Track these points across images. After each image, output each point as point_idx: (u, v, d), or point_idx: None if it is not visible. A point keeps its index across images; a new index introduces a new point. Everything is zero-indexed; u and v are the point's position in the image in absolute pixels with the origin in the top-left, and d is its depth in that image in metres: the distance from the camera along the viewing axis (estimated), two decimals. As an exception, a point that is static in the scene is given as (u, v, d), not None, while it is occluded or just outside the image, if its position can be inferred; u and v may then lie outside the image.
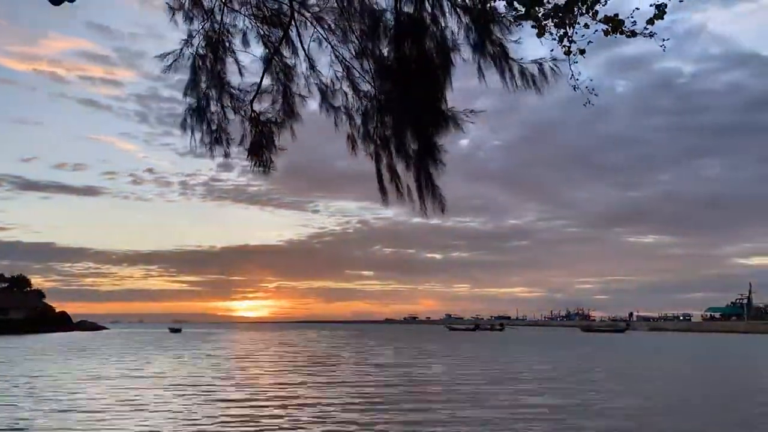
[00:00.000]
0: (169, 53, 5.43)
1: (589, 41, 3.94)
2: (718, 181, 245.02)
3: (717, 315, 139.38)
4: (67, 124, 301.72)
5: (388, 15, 5.03)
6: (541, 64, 4.66)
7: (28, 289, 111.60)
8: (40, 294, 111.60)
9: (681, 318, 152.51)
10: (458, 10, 4.83)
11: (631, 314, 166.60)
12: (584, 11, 3.81)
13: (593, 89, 4.21)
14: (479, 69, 4.77)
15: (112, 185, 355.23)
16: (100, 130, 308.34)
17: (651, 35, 3.83)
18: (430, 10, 4.91)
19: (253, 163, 5.74)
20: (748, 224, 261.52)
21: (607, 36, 3.88)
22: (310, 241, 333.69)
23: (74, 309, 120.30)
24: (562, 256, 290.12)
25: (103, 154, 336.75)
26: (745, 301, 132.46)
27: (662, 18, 3.69)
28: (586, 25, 3.90)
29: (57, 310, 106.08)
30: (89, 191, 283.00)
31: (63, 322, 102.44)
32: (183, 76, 5.49)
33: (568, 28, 3.91)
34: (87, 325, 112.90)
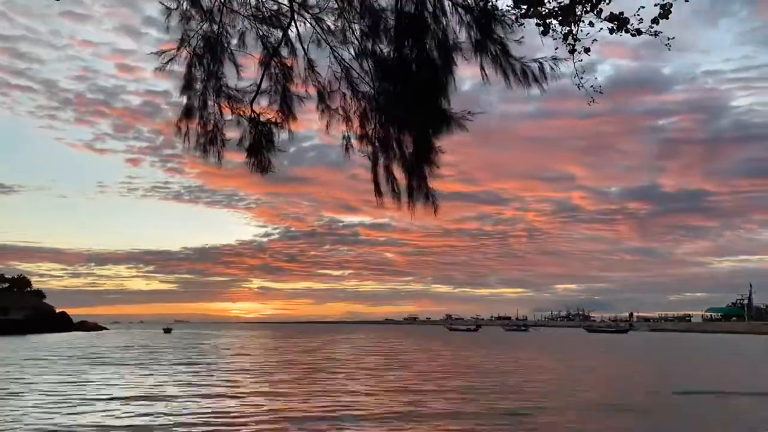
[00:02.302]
0: (165, 51, 5.38)
1: (594, 39, 3.89)
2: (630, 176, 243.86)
3: (717, 315, 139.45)
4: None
5: (389, 14, 4.99)
6: (541, 63, 4.61)
7: (28, 289, 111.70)
8: (40, 294, 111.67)
9: (684, 318, 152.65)
10: (459, 9, 4.78)
11: (631, 314, 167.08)
12: (588, 9, 3.76)
13: (599, 87, 4.16)
14: (481, 68, 4.73)
15: (24, 181, 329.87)
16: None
17: (656, 34, 3.78)
18: (431, 9, 4.86)
19: (251, 163, 5.71)
20: (693, 221, 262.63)
21: (612, 34, 3.83)
22: (260, 240, 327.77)
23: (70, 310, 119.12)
24: (522, 255, 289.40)
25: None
26: (746, 301, 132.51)
27: (667, 17, 3.64)
28: (591, 24, 3.85)
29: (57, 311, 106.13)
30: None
31: (63, 323, 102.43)
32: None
33: (572, 26, 3.86)
34: (87, 326, 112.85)
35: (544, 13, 3.85)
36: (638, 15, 3.78)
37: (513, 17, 4.40)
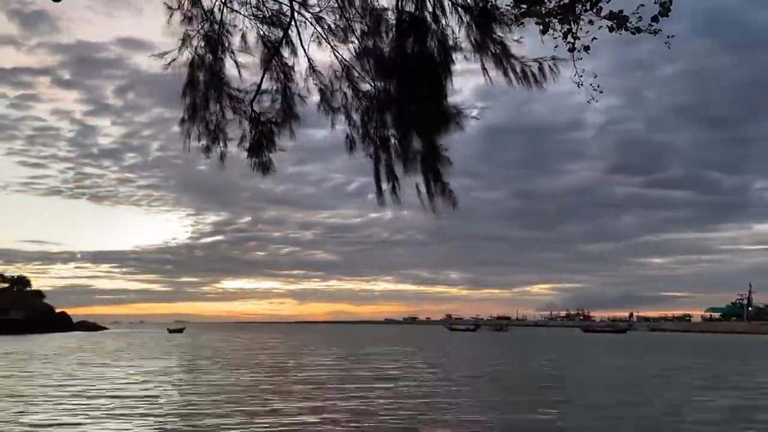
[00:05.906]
0: (167, 52, 5.41)
1: (594, 38, 3.92)
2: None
3: (717, 315, 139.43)
4: None
5: (390, 14, 5.02)
6: (540, 63, 4.64)
7: (28, 289, 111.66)
8: (39, 294, 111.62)
9: (684, 318, 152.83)
10: (459, 9, 4.81)
11: (631, 314, 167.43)
12: (588, 7, 3.78)
13: (598, 86, 4.18)
14: (483, 67, 4.76)
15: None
16: None
17: (655, 32, 3.80)
18: (431, 9, 4.88)
19: (253, 163, 5.74)
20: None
21: (611, 32, 3.85)
22: (187, 241, 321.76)
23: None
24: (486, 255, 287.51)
25: None
26: (745, 301, 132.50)
27: (667, 15, 3.66)
28: (591, 22, 3.88)
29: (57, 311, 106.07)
30: None
31: (63, 323, 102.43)
32: None
33: (572, 24, 3.88)
34: (87, 326, 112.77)
35: (544, 12, 3.87)
36: (638, 13, 3.80)
37: (513, 17, 4.42)
